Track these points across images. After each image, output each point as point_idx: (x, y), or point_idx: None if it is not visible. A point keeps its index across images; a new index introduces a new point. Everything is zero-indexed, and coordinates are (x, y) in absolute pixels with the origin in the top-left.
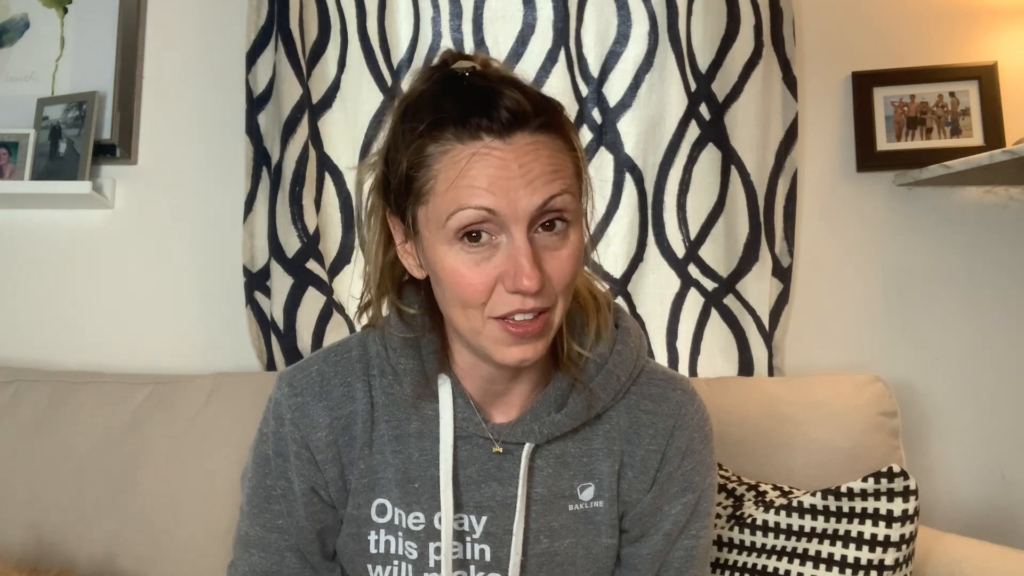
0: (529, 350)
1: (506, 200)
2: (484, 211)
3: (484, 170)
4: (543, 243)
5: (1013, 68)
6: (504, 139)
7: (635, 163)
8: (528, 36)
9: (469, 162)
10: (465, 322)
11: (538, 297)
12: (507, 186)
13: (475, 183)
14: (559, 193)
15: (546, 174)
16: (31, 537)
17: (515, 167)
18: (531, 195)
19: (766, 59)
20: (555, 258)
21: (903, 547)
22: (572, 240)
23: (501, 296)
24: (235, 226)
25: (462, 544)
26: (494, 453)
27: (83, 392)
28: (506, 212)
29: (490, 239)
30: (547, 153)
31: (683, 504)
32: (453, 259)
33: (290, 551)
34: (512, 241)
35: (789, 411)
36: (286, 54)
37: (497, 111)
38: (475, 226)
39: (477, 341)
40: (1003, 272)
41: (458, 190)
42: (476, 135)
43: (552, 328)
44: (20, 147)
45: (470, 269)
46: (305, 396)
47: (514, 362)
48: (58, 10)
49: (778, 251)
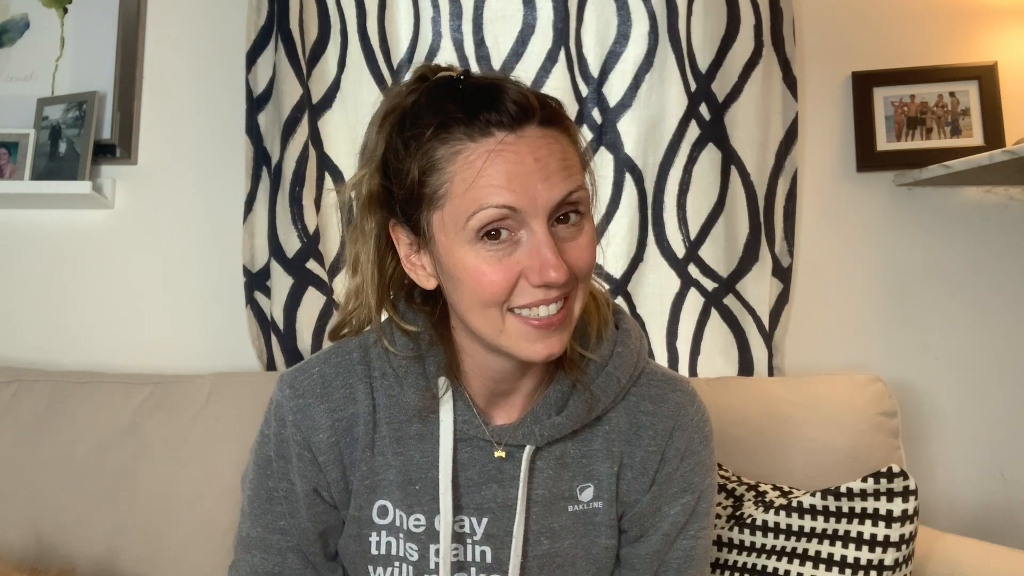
0: (555, 343)
1: (526, 196)
2: (505, 209)
3: (502, 167)
4: (562, 235)
5: (1013, 68)
6: (515, 132)
7: (635, 163)
8: (528, 36)
9: (486, 161)
10: (485, 324)
11: (562, 287)
12: (526, 182)
13: (493, 181)
14: (576, 188)
15: (562, 169)
16: (31, 537)
17: (531, 161)
18: (550, 190)
19: (766, 59)
20: (575, 247)
21: (903, 547)
22: (587, 229)
23: (524, 289)
24: (235, 226)
25: (462, 546)
26: (496, 457)
27: (83, 392)
28: (527, 208)
29: (510, 236)
30: (559, 147)
31: (682, 505)
32: (475, 258)
33: (292, 552)
34: (533, 235)
35: (789, 411)
36: (286, 54)
37: (504, 104)
38: (496, 223)
39: (499, 342)
40: (1003, 272)
41: (477, 190)
42: (487, 131)
43: (574, 318)
44: (20, 147)
45: (492, 266)
46: (307, 398)
47: (543, 357)
48: (58, 10)
49: (778, 251)
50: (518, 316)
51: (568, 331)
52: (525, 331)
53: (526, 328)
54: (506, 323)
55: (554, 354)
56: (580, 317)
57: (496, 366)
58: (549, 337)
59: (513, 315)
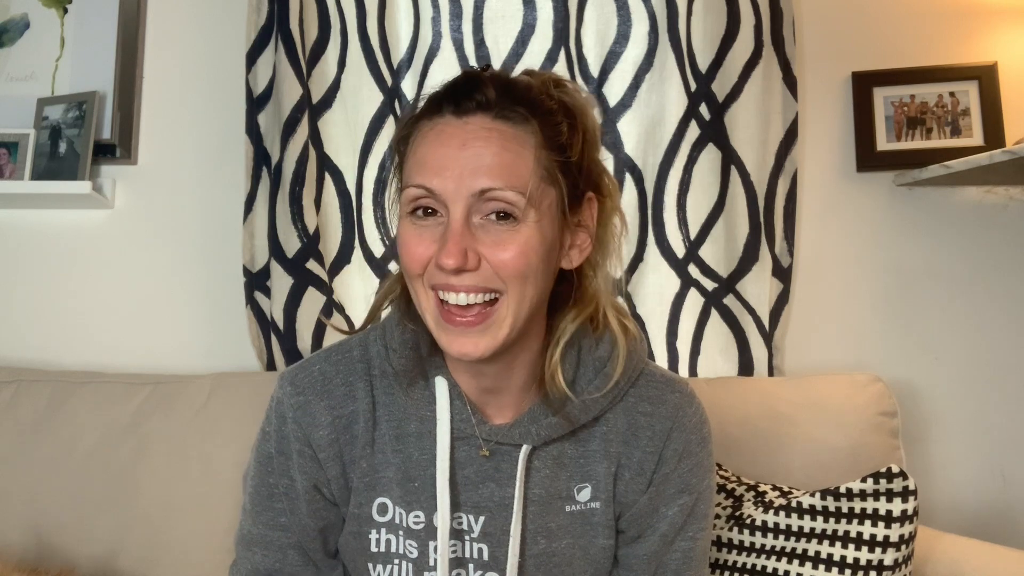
0: (468, 344)
1: (448, 181)
2: (422, 189)
3: (433, 148)
4: (488, 230)
5: (1013, 68)
6: (462, 118)
7: (635, 163)
8: (528, 36)
9: (427, 139)
10: (418, 301)
11: (463, 277)
12: (449, 165)
13: (424, 160)
14: (504, 188)
15: (497, 164)
16: (31, 537)
17: (458, 147)
18: (471, 178)
19: (766, 59)
20: (498, 248)
21: (902, 547)
22: (524, 235)
23: (435, 271)
24: (235, 226)
25: (460, 543)
26: (480, 455)
27: (83, 392)
28: (445, 193)
29: (437, 216)
30: (503, 144)
31: (680, 506)
32: (404, 231)
33: (292, 549)
34: (449, 220)
35: (789, 411)
36: (286, 54)
37: (463, 89)
38: (421, 200)
39: (431, 327)
40: (1003, 272)
41: (411, 165)
42: (439, 111)
43: (500, 325)
44: (20, 147)
45: (413, 238)
46: (307, 395)
47: (457, 354)
48: (58, 10)
49: (778, 251)
50: (440, 307)
51: (492, 337)
52: (443, 317)
53: (441, 312)
54: (433, 311)
55: (469, 355)
56: (579, 316)
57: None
58: (466, 337)
59: (434, 292)
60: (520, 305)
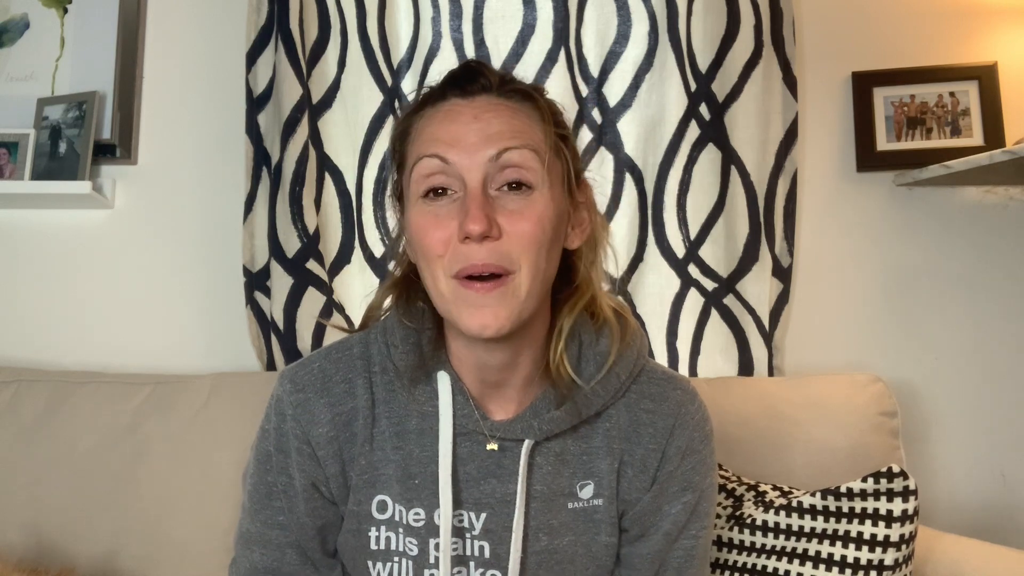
0: (488, 315)
1: (462, 150)
2: (438, 159)
3: (444, 125)
4: (504, 201)
5: (1013, 68)
6: (467, 99)
7: (635, 163)
8: (528, 36)
9: (433, 119)
10: (436, 287)
11: (489, 251)
12: (462, 135)
13: (435, 134)
14: (516, 146)
15: (507, 130)
16: (31, 537)
17: (471, 119)
18: (485, 144)
19: (766, 59)
20: (515, 216)
21: (903, 547)
22: (537, 204)
23: (457, 250)
24: (235, 226)
25: (462, 540)
26: (489, 450)
27: (83, 392)
28: (461, 161)
29: (451, 195)
30: (510, 114)
31: (683, 504)
32: (418, 215)
33: (291, 548)
34: (467, 192)
35: (789, 411)
36: (286, 54)
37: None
38: (435, 177)
39: (448, 308)
40: (1003, 272)
41: (421, 144)
42: (444, 97)
43: (516, 298)
44: (20, 147)
45: (430, 221)
46: (307, 392)
47: (476, 328)
48: (58, 10)
49: (778, 251)
50: (460, 281)
51: (508, 310)
52: (464, 293)
53: (464, 290)
54: (452, 289)
55: (488, 327)
56: (577, 304)
57: (479, 352)
58: (484, 308)
59: (456, 281)
60: (534, 278)
